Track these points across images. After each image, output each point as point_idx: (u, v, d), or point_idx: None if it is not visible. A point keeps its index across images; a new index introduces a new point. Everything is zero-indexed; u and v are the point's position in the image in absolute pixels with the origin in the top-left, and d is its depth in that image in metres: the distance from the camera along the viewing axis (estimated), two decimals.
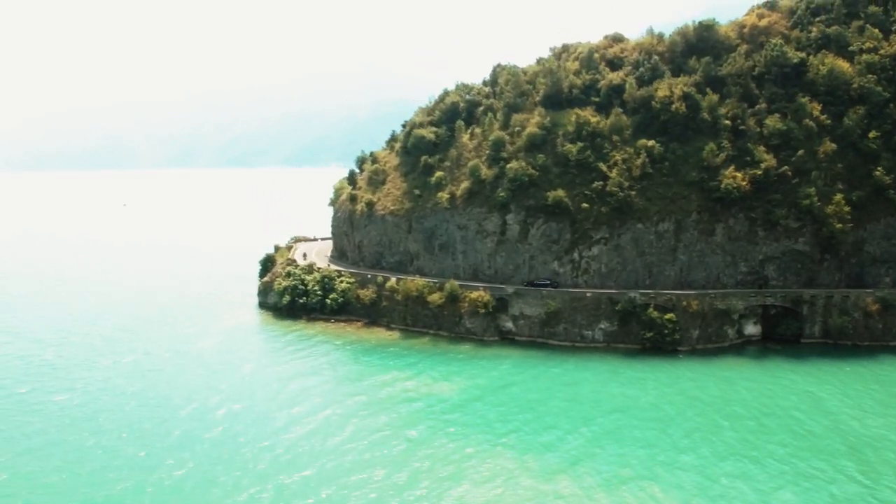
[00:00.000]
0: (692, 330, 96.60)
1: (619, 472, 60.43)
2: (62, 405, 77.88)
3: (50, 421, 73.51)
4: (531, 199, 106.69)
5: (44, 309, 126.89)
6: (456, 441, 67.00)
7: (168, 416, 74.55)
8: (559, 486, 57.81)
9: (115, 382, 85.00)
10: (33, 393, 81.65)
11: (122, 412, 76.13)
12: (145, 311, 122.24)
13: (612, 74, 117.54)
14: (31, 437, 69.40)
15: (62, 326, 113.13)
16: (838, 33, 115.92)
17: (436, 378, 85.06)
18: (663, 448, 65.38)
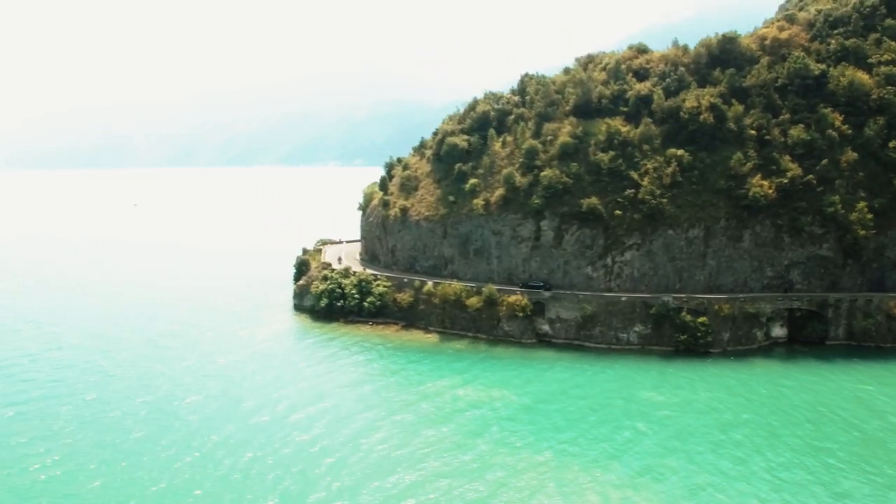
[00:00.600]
0: (723, 332, 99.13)
1: (694, 480, 61.21)
2: (136, 412, 78.47)
3: (138, 428, 73.90)
4: (565, 206, 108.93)
5: (82, 313, 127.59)
6: (525, 450, 67.59)
7: (247, 423, 74.73)
8: (640, 497, 58.47)
9: (179, 388, 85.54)
10: (104, 401, 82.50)
11: (204, 418, 76.36)
12: (184, 316, 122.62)
13: (639, 85, 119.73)
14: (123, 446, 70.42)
15: (106, 332, 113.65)
16: (856, 46, 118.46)
17: (490, 384, 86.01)
18: (729, 451, 66.67)
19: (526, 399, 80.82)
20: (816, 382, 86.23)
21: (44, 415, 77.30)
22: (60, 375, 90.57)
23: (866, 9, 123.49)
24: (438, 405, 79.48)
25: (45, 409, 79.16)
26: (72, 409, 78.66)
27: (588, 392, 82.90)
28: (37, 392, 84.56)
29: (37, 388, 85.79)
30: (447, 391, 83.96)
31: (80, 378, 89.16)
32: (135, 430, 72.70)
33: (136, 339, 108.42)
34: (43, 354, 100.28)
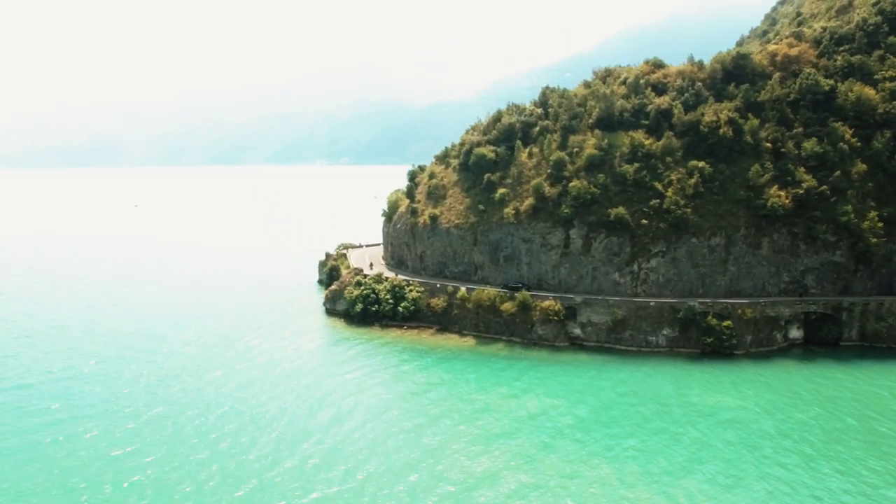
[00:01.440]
0: (746, 335, 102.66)
1: (778, 488, 62.78)
2: (227, 419, 79.85)
3: (229, 437, 75.02)
4: (593, 216, 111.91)
5: (115, 318, 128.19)
6: (602, 461, 68.18)
7: (316, 431, 75.46)
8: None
9: (238, 396, 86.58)
10: (188, 411, 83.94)
11: (291, 426, 77.26)
12: (227, 324, 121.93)
13: (658, 99, 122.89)
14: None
15: (148, 334, 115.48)
16: (862, 62, 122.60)
17: (546, 391, 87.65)
18: (803, 460, 67.89)
19: (583, 407, 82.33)
20: (857, 380, 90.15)
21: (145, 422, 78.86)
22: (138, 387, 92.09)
23: (869, 27, 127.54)
24: (501, 416, 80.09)
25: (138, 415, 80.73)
26: (168, 421, 79.94)
27: (641, 399, 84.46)
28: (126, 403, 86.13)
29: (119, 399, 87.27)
30: (509, 399, 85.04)
31: (155, 393, 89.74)
32: (224, 440, 73.99)
33: (192, 350, 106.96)
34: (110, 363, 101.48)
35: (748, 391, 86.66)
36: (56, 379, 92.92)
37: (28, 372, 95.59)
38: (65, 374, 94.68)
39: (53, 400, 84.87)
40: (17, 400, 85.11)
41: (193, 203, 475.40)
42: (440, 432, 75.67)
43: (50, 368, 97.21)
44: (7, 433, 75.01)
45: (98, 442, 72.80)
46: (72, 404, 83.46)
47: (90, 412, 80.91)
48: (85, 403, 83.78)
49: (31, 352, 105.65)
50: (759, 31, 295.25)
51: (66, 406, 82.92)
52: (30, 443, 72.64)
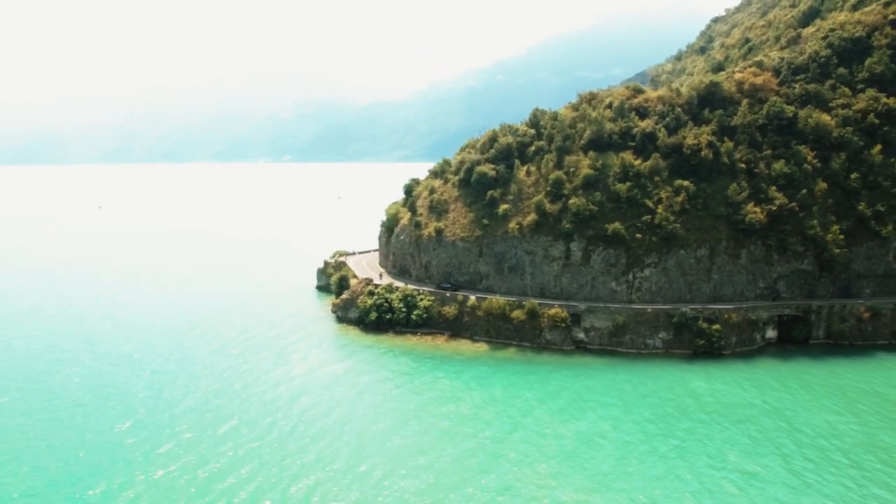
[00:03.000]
0: (731, 336, 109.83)
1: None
2: (270, 429, 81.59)
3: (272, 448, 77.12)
4: (591, 230, 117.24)
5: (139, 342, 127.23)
6: (654, 463, 71.22)
7: (371, 445, 76.35)
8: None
9: (289, 404, 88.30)
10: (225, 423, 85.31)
11: (326, 440, 78.00)
12: (238, 336, 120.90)
13: (642, 122, 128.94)
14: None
15: (181, 351, 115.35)
16: (817, 90, 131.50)
17: (577, 394, 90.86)
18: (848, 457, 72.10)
19: (615, 409, 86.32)
20: (840, 375, 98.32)
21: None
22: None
23: (821, 58, 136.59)
24: (542, 423, 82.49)
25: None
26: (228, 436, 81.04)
27: (664, 399, 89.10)
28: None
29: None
30: (542, 406, 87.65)
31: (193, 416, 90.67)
32: (267, 451, 75.90)
33: (218, 361, 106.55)
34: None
35: (750, 387, 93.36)
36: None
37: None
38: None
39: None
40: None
41: (157, 203, 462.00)
42: (487, 441, 78.32)
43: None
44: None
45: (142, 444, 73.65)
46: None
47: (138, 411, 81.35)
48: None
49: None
50: (696, 46, 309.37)
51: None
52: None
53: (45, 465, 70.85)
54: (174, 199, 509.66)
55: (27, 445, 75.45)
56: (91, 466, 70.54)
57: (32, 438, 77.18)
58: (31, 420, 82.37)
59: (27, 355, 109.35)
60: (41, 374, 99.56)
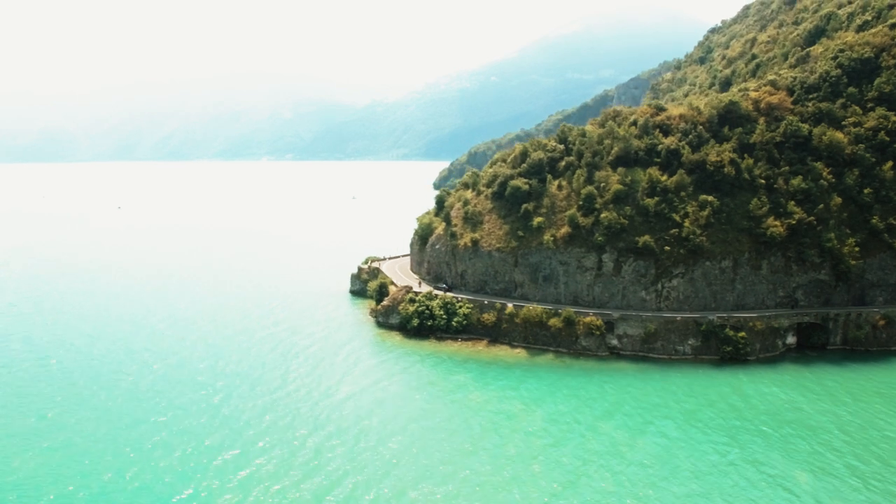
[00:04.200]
0: (756, 343, 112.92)
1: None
2: (335, 439, 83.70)
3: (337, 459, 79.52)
4: (622, 242, 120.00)
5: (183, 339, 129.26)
6: (743, 467, 73.44)
7: (432, 454, 77.16)
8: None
9: (338, 409, 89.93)
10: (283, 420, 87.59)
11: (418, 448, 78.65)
12: (285, 347, 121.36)
13: (666, 140, 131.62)
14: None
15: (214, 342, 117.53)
16: (829, 109, 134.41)
17: (636, 400, 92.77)
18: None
19: (679, 415, 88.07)
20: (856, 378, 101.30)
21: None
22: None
23: (832, 78, 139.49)
24: (618, 424, 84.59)
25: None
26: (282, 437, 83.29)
27: (722, 407, 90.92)
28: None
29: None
30: (613, 412, 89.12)
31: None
32: (333, 462, 78.20)
33: (270, 375, 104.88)
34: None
35: (791, 391, 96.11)
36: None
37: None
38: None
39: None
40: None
41: (174, 202, 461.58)
42: (559, 452, 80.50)
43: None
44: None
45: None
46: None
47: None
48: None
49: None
50: (695, 56, 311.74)
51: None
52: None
53: (144, 472, 73.22)
54: (189, 197, 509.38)
55: (137, 458, 77.66)
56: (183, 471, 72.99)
57: (137, 451, 79.34)
58: (134, 432, 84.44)
59: (102, 357, 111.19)
60: (122, 383, 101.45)
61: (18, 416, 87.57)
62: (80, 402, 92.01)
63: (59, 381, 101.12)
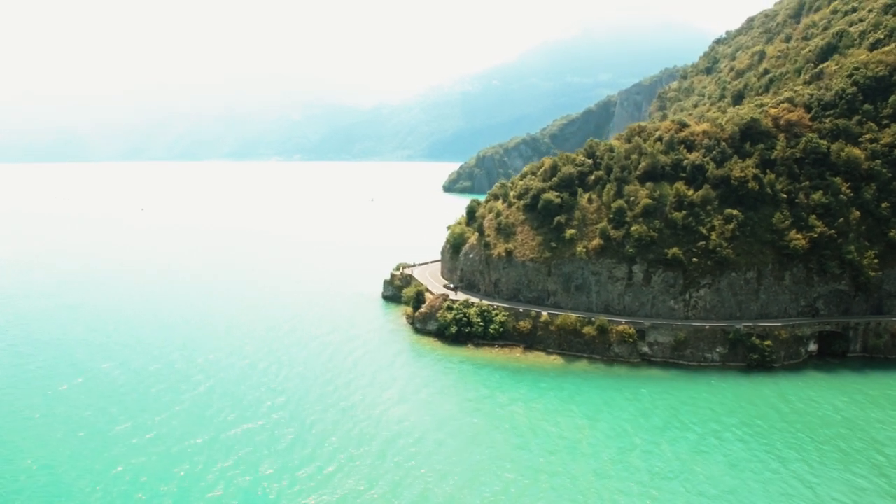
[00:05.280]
0: (780, 351, 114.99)
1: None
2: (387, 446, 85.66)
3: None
4: (652, 254, 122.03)
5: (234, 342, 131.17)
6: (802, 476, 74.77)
7: (511, 459, 79.16)
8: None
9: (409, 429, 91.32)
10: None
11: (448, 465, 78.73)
12: (326, 344, 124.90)
13: (691, 155, 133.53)
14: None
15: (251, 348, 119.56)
16: (846, 125, 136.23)
17: (690, 406, 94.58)
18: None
19: (732, 419, 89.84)
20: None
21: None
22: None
23: (848, 95, 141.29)
24: (675, 433, 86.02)
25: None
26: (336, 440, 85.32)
27: (757, 408, 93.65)
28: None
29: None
30: (671, 421, 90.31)
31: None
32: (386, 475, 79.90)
33: (332, 383, 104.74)
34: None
35: (865, 401, 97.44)
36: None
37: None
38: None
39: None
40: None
41: (195, 204, 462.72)
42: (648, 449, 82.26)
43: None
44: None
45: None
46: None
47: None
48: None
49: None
50: (701, 66, 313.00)
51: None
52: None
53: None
54: (209, 198, 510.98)
55: (238, 463, 79.76)
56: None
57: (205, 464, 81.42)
58: (196, 444, 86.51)
59: (166, 362, 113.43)
60: (200, 386, 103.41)
61: (106, 422, 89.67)
62: (163, 408, 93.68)
63: (132, 386, 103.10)
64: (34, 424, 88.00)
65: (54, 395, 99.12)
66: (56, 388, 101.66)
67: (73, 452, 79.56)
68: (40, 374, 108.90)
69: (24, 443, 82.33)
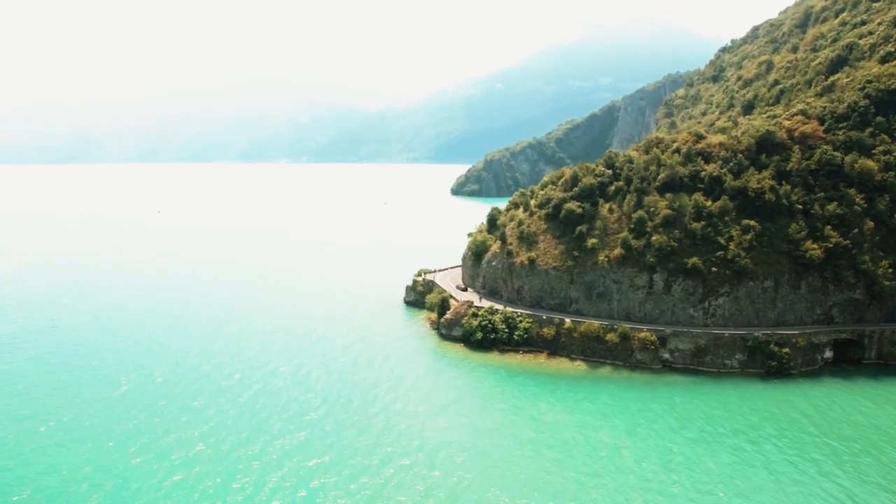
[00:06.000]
0: (798, 358, 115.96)
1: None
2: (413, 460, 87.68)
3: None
4: (672, 263, 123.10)
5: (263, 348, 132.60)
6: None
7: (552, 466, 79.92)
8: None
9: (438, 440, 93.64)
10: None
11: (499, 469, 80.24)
12: (353, 350, 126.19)
13: (708, 167, 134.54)
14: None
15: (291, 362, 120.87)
16: (859, 137, 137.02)
17: (727, 413, 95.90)
18: None
19: (770, 428, 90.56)
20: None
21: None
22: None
23: (860, 108, 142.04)
24: (716, 444, 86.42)
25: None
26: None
27: (791, 416, 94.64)
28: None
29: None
30: (716, 426, 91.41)
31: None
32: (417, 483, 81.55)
33: (368, 393, 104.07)
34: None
35: (860, 405, 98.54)
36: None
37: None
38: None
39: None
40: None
41: (212, 206, 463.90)
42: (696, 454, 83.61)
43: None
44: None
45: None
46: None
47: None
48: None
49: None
50: (707, 74, 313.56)
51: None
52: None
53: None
54: (223, 200, 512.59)
55: (296, 474, 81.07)
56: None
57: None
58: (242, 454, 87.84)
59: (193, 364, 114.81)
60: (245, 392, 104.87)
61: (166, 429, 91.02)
62: (212, 417, 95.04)
63: (176, 394, 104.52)
64: (90, 430, 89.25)
65: (106, 400, 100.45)
66: (108, 394, 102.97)
67: (130, 460, 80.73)
68: (94, 378, 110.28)
69: (82, 448, 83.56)
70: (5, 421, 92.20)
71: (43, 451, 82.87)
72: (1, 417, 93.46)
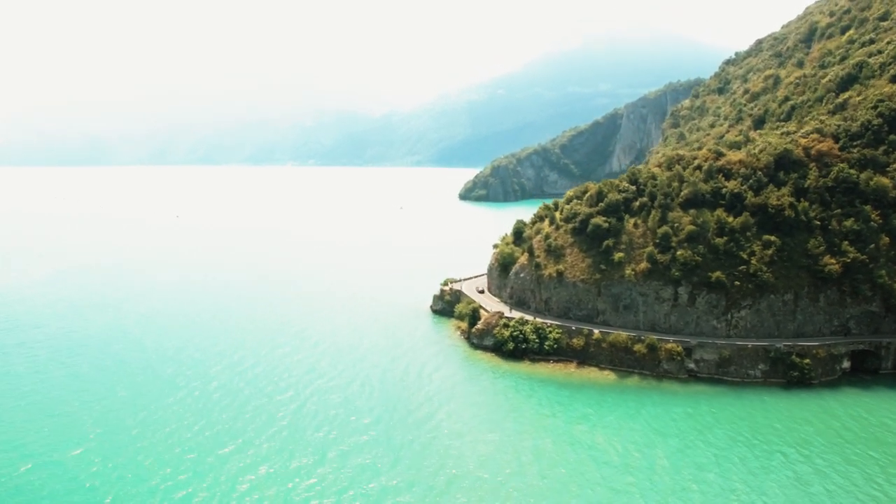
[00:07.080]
0: (818, 368, 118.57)
1: None
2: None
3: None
4: (696, 277, 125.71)
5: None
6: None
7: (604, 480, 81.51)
8: None
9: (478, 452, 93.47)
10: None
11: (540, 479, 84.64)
12: (387, 357, 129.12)
13: (729, 183, 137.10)
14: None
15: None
16: (873, 155, 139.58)
17: (765, 420, 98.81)
18: None
19: (794, 438, 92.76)
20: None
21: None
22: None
23: (874, 126, 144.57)
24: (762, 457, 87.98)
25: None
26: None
27: (816, 426, 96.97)
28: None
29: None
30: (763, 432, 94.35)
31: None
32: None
33: (407, 401, 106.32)
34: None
35: (883, 416, 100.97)
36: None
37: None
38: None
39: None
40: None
41: (227, 210, 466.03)
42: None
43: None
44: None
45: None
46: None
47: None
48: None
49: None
50: (712, 86, 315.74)
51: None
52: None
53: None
54: (237, 203, 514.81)
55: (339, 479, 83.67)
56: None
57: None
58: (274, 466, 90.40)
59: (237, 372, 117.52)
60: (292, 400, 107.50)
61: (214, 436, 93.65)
62: (265, 427, 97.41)
63: (224, 405, 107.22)
64: (151, 441, 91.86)
65: (158, 408, 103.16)
66: (161, 402, 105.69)
67: (195, 471, 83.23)
68: (148, 387, 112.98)
69: (147, 461, 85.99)
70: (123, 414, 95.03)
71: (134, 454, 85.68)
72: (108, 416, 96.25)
